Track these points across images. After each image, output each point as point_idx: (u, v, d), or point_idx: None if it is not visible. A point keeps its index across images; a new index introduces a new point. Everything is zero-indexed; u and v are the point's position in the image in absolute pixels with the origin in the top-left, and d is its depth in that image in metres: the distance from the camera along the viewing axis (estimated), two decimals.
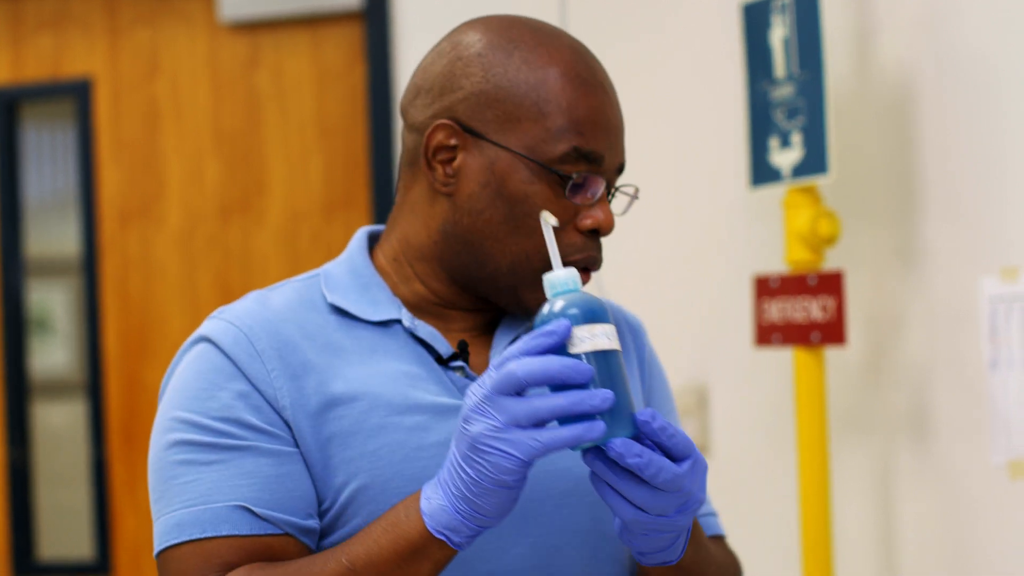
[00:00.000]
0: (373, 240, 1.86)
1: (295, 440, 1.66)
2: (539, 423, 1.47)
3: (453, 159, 1.72)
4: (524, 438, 1.46)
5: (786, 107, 3.14)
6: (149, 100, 4.49)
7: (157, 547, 1.65)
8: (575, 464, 1.73)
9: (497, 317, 1.81)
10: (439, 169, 1.74)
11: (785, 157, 3.15)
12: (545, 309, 1.51)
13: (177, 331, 4.44)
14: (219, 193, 4.45)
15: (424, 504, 1.53)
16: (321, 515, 1.67)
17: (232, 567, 1.61)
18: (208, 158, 4.46)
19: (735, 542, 2.27)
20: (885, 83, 3.20)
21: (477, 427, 1.48)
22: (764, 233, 3.44)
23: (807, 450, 3.08)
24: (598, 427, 1.47)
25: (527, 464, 1.48)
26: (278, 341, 1.68)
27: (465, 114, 1.72)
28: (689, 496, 1.53)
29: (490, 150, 1.70)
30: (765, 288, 3.22)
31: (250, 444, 1.64)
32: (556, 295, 1.52)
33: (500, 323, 1.80)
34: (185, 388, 1.68)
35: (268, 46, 4.43)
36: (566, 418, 1.48)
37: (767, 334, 3.16)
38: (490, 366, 1.51)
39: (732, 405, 3.63)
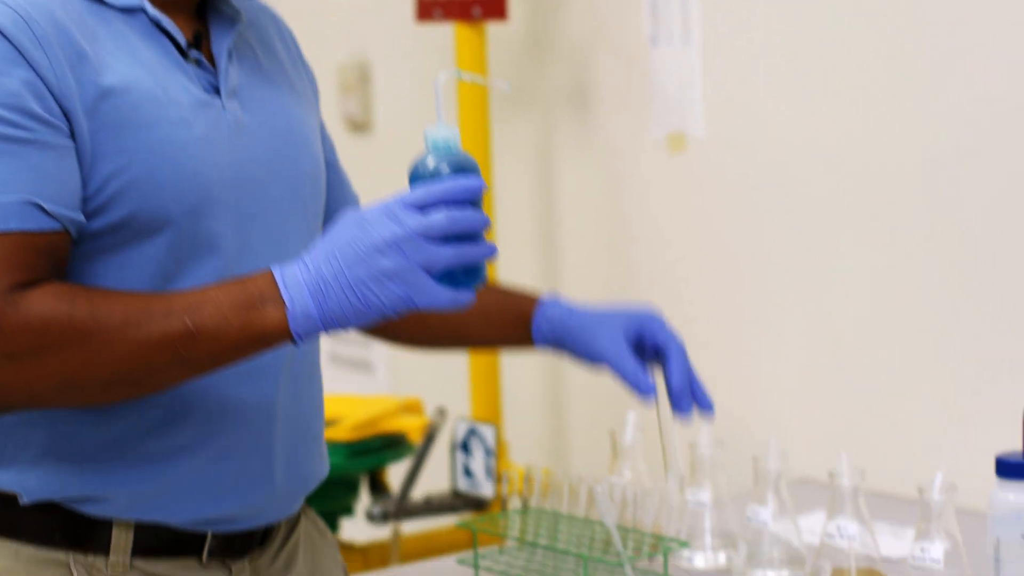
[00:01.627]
0: None
1: (72, 132, 1.61)
2: (447, 271, 1.54)
3: None
4: (433, 288, 1.53)
5: None
6: None
7: None
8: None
9: (204, 25, 1.79)
10: None
11: None
12: (430, 163, 1.58)
13: None
14: None
15: (290, 306, 1.55)
16: (83, 207, 1.63)
17: (18, 267, 1.56)
18: None
19: None
20: None
21: (392, 262, 1.52)
22: None
23: (469, 124, 3.09)
24: (472, 296, 1.57)
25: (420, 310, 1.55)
26: (55, 28, 1.62)
27: None
28: None
29: None
30: None
31: (36, 137, 1.59)
32: (440, 153, 1.59)
33: (210, 30, 1.78)
34: None
35: None
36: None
37: (428, 9, 3.12)
38: (402, 201, 1.54)
39: (394, 81, 3.61)
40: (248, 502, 1.76)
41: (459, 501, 2.97)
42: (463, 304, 1.55)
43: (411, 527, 3.09)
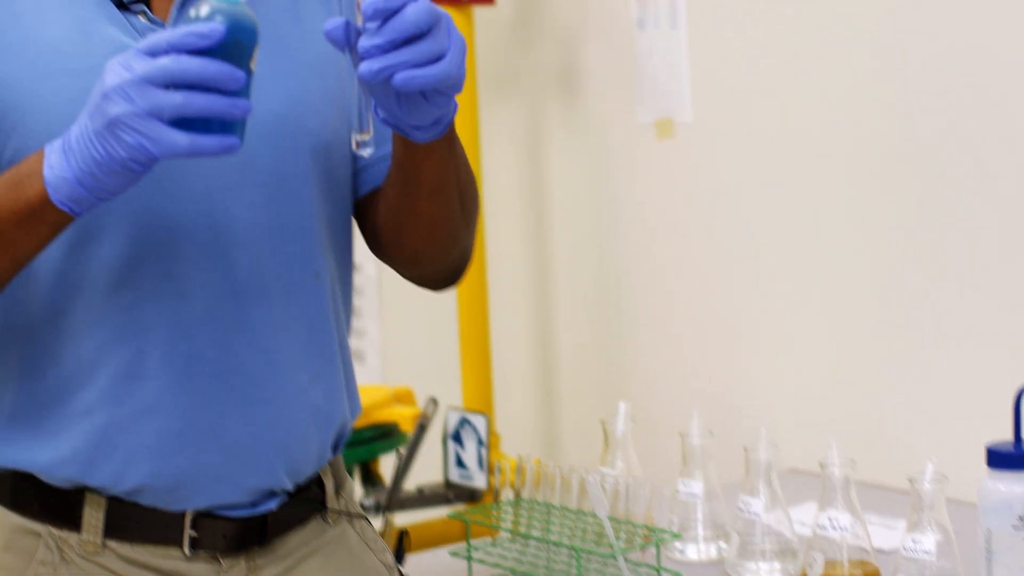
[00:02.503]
0: None
1: None
2: (183, 121, 1.45)
3: None
4: (167, 134, 1.45)
5: None
6: None
7: None
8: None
9: None
10: None
11: None
12: (204, 9, 1.48)
13: None
14: None
15: (47, 172, 1.51)
16: None
17: None
18: None
19: None
20: None
21: (119, 108, 1.46)
22: None
23: (458, 109, 3.07)
24: (233, 142, 1.47)
25: (159, 160, 1.47)
26: None
27: None
28: (448, 24, 1.54)
29: None
30: None
31: None
32: (214, 3, 1.48)
33: None
34: None
35: None
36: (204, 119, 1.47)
37: None
38: (135, 49, 1.47)
39: None
40: (192, 462, 1.69)
41: (452, 492, 2.97)
42: (207, 151, 1.46)
43: (403, 518, 3.09)
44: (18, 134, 1.63)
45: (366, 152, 1.60)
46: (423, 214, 1.72)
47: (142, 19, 1.68)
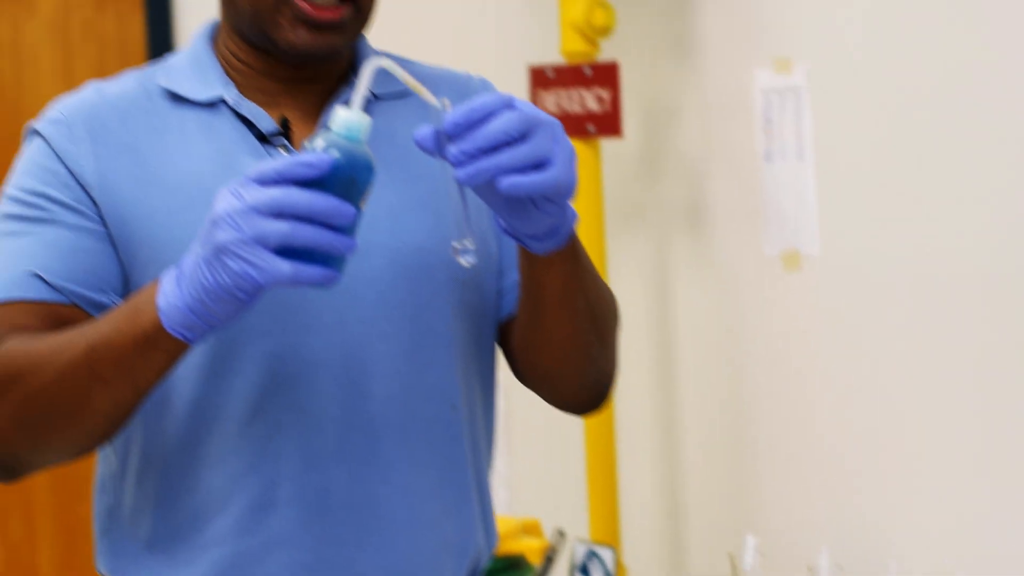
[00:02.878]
0: None
1: (102, 219, 1.69)
2: (288, 250, 1.47)
3: None
4: (271, 262, 1.46)
5: None
6: None
7: None
8: (388, 236, 1.71)
9: (327, 98, 1.78)
10: None
11: None
12: (319, 142, 1.49)
13: None
14: None
15: (161, 300, 1.54)
16: (131, 290, 1.69)
17: (25, 329, 1.64)
18: None
19: None
20: None
21: (226, 235, 1.47)
22: (539, 23, 3.41)
23: (584, 241, 3.08)
24: (335, 275, 1.48)
25: (264, 288, 1.49)
26: (96, 124, 1.72)
27: None
28: (553, 132, 1.54)
29: None
30: (541, 79, 3.20)
31: (54, 218, 1.69)
32: (338, 135, 1.49)
33: (328, 105, 1.77)
34: (15, 169, 1.75)
35: None
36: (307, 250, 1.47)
37: None
38: (245, 177, 1.50)
39: None
40: None
41: None
42: (308, 281, 1.47)
43: None
44: (155, 266, 1.67)
45: (465, 261, 1.60)
46: (552, 331, 1.71)
47: (281, 151, 1.73)
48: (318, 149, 1.48)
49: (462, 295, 1.76)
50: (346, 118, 1.49)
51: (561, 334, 1.72)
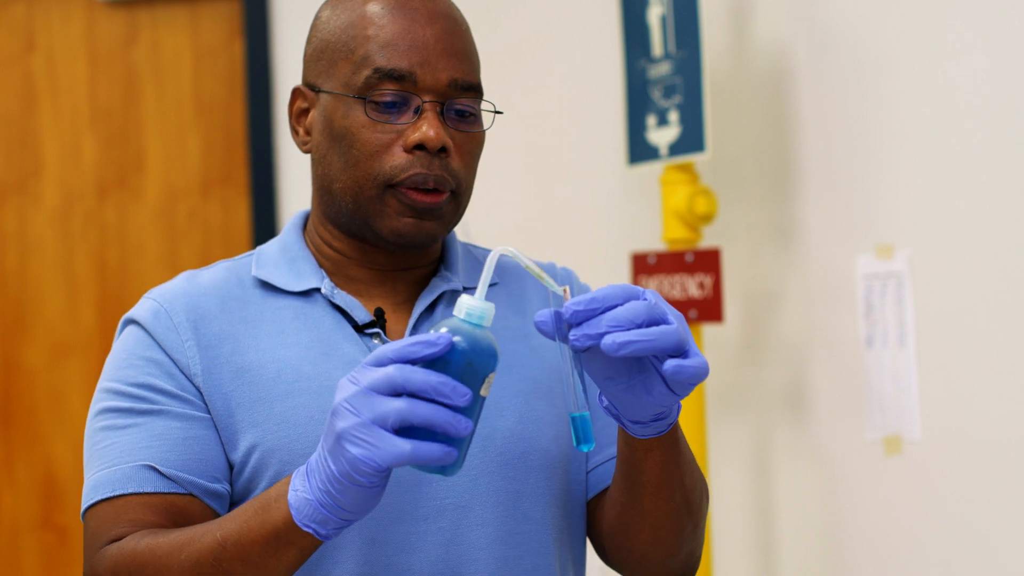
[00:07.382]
0: None
1: (207, 406, 1.72)
2: (406, 430, 1.46)
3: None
4: (390, 441, 1.45)
5: (663, 85, 3.14)
6: (25, 76, 4.41)
7: (81, 510, 1.72)
8: (481, 422, 1.71)
9: (420, 288, 1.82)
10: (300, 131, 1.82)
11: (662, 135, 3.16)
12: (443, 328, 1.48)
13: (54, 310, 4.37)
14: (96, 170, 4.39)
15: (291, 495, 1.53)
16: (234, 480, 1.71)
17: (141, 524, 1.66)
18: (85, 135, 4.40)
19: None
20: (761, 61, 3.22)
21: (344, 422, 1.47)
22: (642, 210, 3.45)
23: (685, 426, 3.10)
24: (453, 454, 1.46)
25: (385, 469, 1.47)
26: (196, 314, 1.75)
27: (308, 75, 1.81)
28: (680, 322, 1.51)
29: (323, 99, 1.78)
30: (643, 265, 3.23)
31: (162, 408, 1.71)
32: (463, 321, 1.49)
33: (420, 294, 1.81)
34: (110, 362, 1.76)
35: (145, 22, 4.37)
36: (424, 430, 1.46)
37: None
38: (365, 361, 1.49)
39: None
40: None
41: None
42: (427, 458, 1.44)
43: None
44: (259, 452, 1.69)
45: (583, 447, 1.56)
46: (648, 513, 1.70)
47: (376, 341, 1.75)
48: (440, 331, 1.47)
49: (556, 479, 1.77)
50: (470, 304, 1.48)
51: (657, 516, 1.71)
